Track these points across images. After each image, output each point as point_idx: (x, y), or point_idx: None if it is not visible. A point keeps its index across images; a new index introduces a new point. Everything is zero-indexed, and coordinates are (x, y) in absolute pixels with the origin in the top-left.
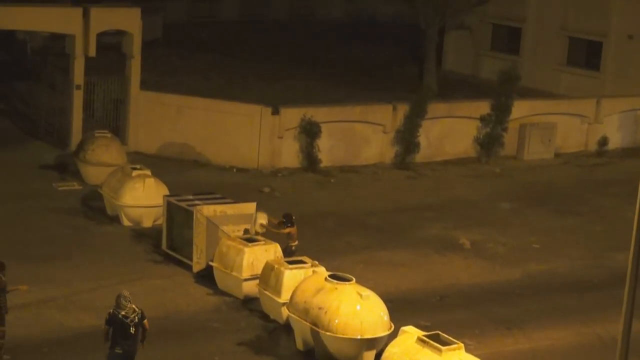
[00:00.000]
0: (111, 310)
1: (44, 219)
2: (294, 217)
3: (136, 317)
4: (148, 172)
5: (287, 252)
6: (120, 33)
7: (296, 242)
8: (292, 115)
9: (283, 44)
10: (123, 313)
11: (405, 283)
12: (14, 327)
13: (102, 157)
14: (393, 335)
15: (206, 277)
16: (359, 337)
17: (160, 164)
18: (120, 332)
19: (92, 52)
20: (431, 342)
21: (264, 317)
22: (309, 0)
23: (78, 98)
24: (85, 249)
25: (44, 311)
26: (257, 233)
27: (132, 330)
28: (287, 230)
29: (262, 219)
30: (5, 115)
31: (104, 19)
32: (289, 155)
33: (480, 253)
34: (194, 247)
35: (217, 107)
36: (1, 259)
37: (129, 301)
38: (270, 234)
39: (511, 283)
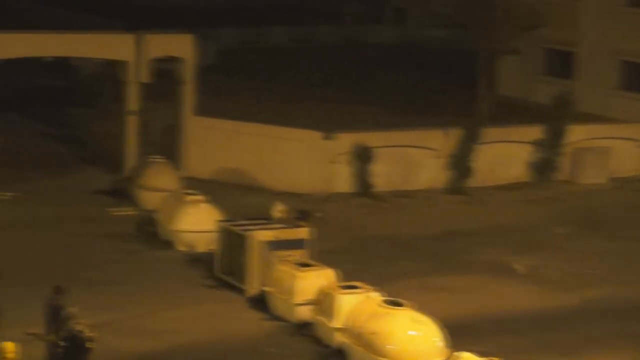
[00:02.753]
0: (66, 328)
1: (98, 244)
2: (309, 216)
3: (89, 331)
4: (202, 197)
5: None
6: (174, 59)
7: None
8: (345, 140)
9: (334, 69)
10: (78, 329)
11: (460, 308)
12: None
13: (156, 183)
14: None
15: (260, 302)
16: None
17: (214, 189)
18: (77, 348)
19: (146, 78)
20: None
21: (318, 342)
22: (359, 25)
23: (132, 124)
24: (139, 274)
25: (99, 336)
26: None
27: (89, 344)
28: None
29: (279, 211)
30: (61, 141)
31: (158, 46)
32: (342, 180)
33: (535, 278)
34: (248, 272)
35: (270, 133)
36: (55, 283)
37: (77, 316)
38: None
39: (566, 309)
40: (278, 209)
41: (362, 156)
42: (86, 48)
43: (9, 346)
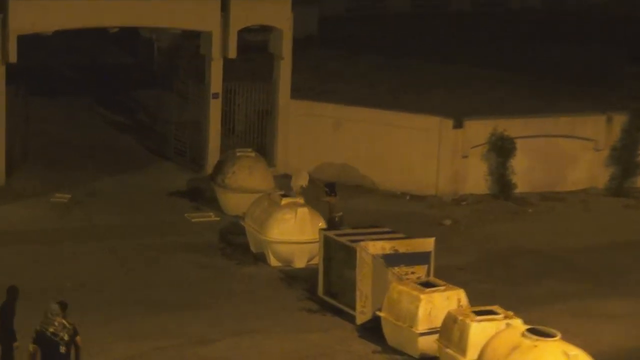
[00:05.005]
0: (38, 327)
1: (174, 258)
2: (336, 187)
3: (66, 335)
4: (301, 200)
5: (331, 223)
6: (266, 30)
7: (340, 213)
8: (480, 129)
9: (467, 42)
10: (51, 330)
11: (625, 340)
12: None
13: (244, 182)
14: None
15: (373, 330)
16: None
17: (315, 190)
18: (49, 352)
19: (233, 53)
20: None
21: None
22: None
23: (215, 109)
24: (223, 295)
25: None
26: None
27: (62, 349)
28: (326, 199)
29: (303, 180)
30: (129, 131)
31: (247, 13)
32: (476, 178)
33: None
34: (358, 293)
35: (386, 120)
36: (125, 306)
37: (58, 315)
38: (309, 199)
39: None
40: (300, 180)
41: (501, 149)
42: (161, 16)
43: None
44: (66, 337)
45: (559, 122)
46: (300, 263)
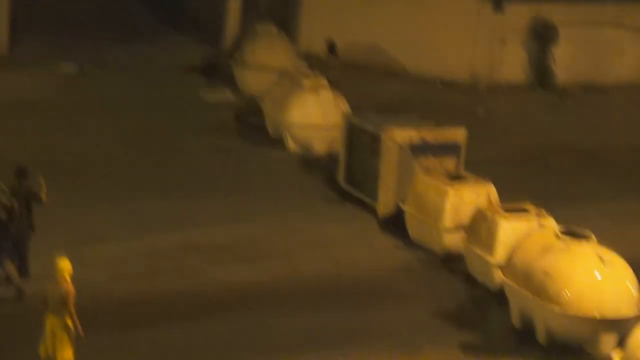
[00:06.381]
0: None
1: (186, 137)
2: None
3: (4, 198)
4: (323, 82)
5: None
6: None
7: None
8: (520, 13)
9: None
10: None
11: None
12: (149, 278)
13: (264, 59)
14: None
15: (395, 224)
16: (596, 315)
17: (341, 71)
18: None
19: None
20: None
21: (470, 281)
22: None
23: None
24: (237, 180)
25: (186, 260)
26: None
27: (2, 214)
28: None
29: None
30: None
31: None
32: (513, 66)
33: None
34: (381, 183)
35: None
36: (133, 189)
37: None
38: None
39: None
40: None
41: (542, 35)
42: None
43: (67, 264)
44: (4, 200)
45: (607, 9)
46: (320, 149)
